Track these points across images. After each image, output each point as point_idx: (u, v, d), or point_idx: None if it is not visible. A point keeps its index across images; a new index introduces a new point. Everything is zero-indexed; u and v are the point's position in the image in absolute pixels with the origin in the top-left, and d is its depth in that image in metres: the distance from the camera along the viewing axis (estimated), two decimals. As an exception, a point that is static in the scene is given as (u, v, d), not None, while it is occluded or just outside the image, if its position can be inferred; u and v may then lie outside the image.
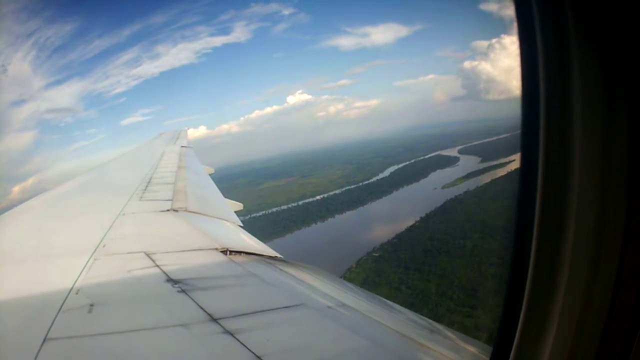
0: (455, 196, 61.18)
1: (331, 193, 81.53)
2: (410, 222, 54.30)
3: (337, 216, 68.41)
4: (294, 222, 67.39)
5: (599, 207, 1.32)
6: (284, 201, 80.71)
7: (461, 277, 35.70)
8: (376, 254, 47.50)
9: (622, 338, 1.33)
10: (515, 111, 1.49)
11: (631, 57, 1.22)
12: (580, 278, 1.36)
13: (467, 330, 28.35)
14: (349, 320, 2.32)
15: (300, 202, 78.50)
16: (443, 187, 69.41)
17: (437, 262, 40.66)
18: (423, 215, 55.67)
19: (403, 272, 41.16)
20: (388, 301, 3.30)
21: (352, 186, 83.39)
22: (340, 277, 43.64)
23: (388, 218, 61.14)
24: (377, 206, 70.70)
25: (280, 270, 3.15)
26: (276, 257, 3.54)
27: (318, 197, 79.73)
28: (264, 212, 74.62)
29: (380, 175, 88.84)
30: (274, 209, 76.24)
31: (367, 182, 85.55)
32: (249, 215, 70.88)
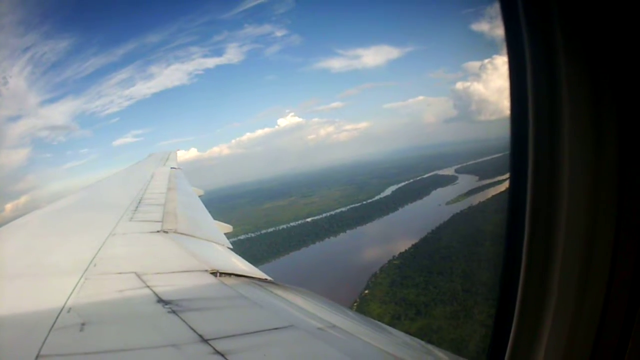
0: (461, 210, 64.16)
1: (337, 211, 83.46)
2: (422, 234, 57.17)
3: (348, 231, 70.71)
4: (307, 236, 69.61)
5: (588, 212, 1.37)
6: (292, 218, 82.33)
7: (482, 277, 40.39)
8: (396, 262, 50.84)
9: (616, 339, 1.36)
10: (506, 131, 1.56)
11: (619, 76, 1.26)
12: (572, 281, 1.41)
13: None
14: (340, 342, 2.33)
15: (309, 219, 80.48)
16: (447, 203, 72.06)
17: (457, 266, 43.35)
18: (433, 228, 58.44)
19: (427, 275, 44.43)
20: (380, 323, 3.35)
21: (357, 204, 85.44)
22: (367, 282, 48.01)
23: (400, 232, 63.70)
24: (386, 222, 73.01)
25: (270, 292, 3.18)
26: (266, 279, 3.57)
27: (325, 215, 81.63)
28: (273, 228, 76.42)
29: (382, 194, 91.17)
30: (283, 226, 77.93)
31: (370, 200, 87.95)
32: (259, 232, 73.73)
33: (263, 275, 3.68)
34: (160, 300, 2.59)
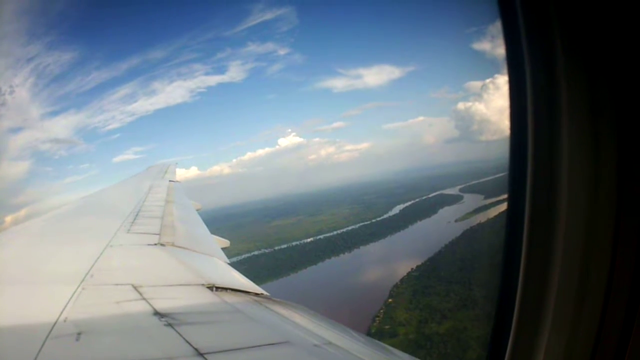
0: (471, 227, 64.86)
1: (349, 228, 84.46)
2: (436, 249, 58.81)
3: (362, 247, 72.00)
4: (323, 252, 70.92)
5: (586, 232, 1.37)
6: (303, 236, 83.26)
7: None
8: (415, 274, 52.76)
9: (614, 347, 1.35)
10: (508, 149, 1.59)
11: (620, 98, 1.26)
12: (572, 283, 1.41)
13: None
14: (336, 359, 2.30)
15: (321, 236, 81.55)
16: (456, 221, 73.11)
17: (474, 276, 43.30)
18: (447, 242, 59.91)
19: (446, 284, 46.55)
20: (380, 342, 3.34)
21: (367, 222, 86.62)
22: (389, 292, 49.71)
23: (413, 247, 64.97)
24: (398, 238, 74.13)
25: (266, 307, 3.16)
26: (262, 294, 3.57)
27: (337, 232, 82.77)
28: (286, 245, 77.46)
29: (391, 213, 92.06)
30: (296, 243, 79.03)
31: (379, 218, 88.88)
32: (272, 249, 74.46)
33: (260, 290, 3.67)
34: (156, 313, 2.57)
